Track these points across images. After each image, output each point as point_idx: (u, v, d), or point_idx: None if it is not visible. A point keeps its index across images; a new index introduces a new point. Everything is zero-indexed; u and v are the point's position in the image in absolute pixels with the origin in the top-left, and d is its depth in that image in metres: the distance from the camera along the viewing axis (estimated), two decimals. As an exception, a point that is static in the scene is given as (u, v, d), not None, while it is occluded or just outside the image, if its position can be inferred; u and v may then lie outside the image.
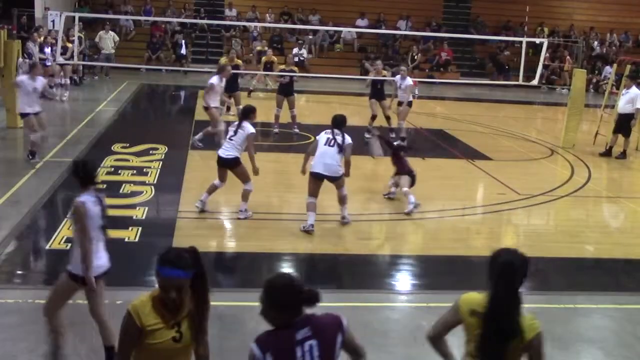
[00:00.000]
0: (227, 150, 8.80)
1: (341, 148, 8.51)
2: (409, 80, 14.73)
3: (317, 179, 8.57)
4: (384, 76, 15.49)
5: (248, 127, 8.82)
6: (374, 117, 15.00)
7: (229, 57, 15.96)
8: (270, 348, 3.12)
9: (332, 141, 8.54)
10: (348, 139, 8.63)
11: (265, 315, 3.25)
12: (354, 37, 28.03)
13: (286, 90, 15.01)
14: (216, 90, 12.92)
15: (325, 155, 8.49)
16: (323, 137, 8.63)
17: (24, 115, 11.40)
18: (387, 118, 15.10)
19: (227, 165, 8.86)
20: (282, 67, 15.47)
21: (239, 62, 15.92)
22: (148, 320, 3.37)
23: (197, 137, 12.83)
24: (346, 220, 8.86)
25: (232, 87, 15.02)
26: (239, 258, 7.79)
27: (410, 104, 14.71)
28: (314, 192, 8.59)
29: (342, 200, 8.81)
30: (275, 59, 19.47)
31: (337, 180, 8.64)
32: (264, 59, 19.77)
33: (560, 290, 7.36)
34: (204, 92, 13.55)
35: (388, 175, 11.33)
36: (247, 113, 9.05)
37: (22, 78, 11.59)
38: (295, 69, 16.01)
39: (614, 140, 14.27)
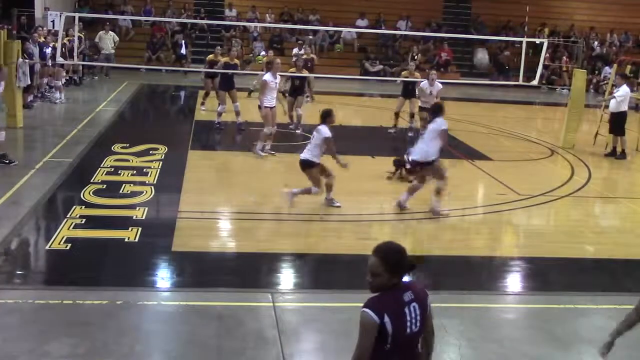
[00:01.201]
0: (303, 153, 9.27)
1: (431, 134, 9.18)
2: (439, 85, 13.92)
3: (413, 166, 9.56)
4: (416, 77, 15.88)
5: (323, 131, 9.13)
6: (397, 114, 15.42)
7: (232, 54, 15.95)
8: (386, 310, 3.32)
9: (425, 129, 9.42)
10: (439, 125, 9.21)
11: (382, 282, 3.37)
12: (354, 37, 28.03)
13: (297, 91, 15.22)
14: (270, 87, 12.62)
15: (420, 142, 9.38)
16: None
17: None
18: (412, 115, 15.49)
19: (301, 166, 9.29)
20: (292, 70, 15.63)
21: (237, 60, 16.00)
22: None
23: (257, 147, 12.39)
24: (436, 211, 9.26)
25: (228, 84, 15.08)
26: (239, 258, 7.78)
27: None
28: (416, 177, 9.56)
29: (436, 190, 9.30)
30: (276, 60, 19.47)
31: (428, 167, 9.27)
32: (265, 59, 19.78)
33: (560, 290, 7.35)
34: (259, 91, 13.44)
35: (387, 175, 11.33)
36: (325, 117, 9.35)
37: None
38: (306, 71, 16.27)
39: (615, 140, 14.27)
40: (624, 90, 14.15)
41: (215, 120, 15.15)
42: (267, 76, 12.64)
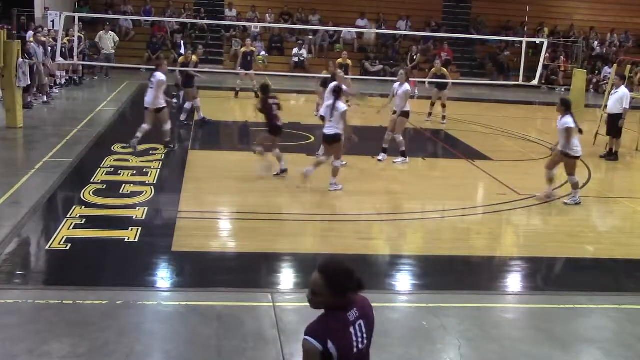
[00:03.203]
0: (331, 129, 10.26)
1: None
2: (407, 86, 12.60)
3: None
4: (445, 72, 18.03)
5: (342, 106, 10.29)
6: (432, 104, 17.71)
7: (198, 52, 16.97)
8: (329, 335, 3.20)
9: None
10: (565, 123, 10.08)
11: (324, 301, 3.26)
12: (354, 37, 28.04)
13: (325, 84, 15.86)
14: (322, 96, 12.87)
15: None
16: None
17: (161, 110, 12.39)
18: (443, 106, 17.42)
19: (331, 141, 10.33)
20: (340, 61, 17.32)
21: (195, 59, 16.36)
22: None
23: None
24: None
25: (187, 82, 15.52)
26: (239, 258, 7.78)
27: (406, 114, 12.62)
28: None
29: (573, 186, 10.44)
30: (254, 49, 19.49)
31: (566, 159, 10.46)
32: (242, 49, 19.72)
33: (560, 290, 7.35)
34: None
35: (387, 175, 11.34)
36: (339, 92, 10.53)
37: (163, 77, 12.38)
38: (350, 62, 18.30)
39: (612, 142, 14.24)
40: (622, 91, 14.10)
41: (200, 116, 15.18)
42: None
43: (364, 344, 3.32)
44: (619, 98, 14.06)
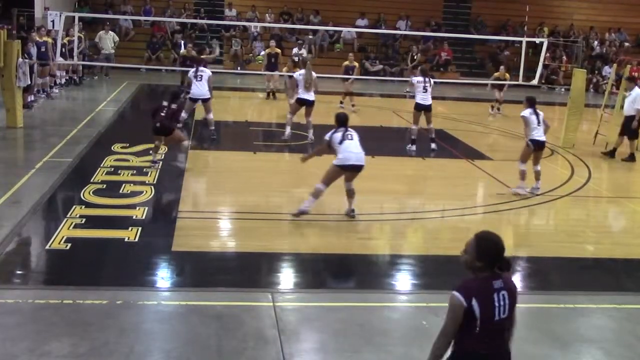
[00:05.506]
0: (311, 95, 13.30)
1: None
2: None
3: None
4: (506, 78, 19.70)
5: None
6: (497, 101, 19.72)
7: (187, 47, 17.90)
8: (475, 294, 3.57)
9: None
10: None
11: (471, 265, 3.70)
12: (354, 37, 28.04)
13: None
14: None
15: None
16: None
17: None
18: (500, 102, 19.51)
19: (312, 105, 13.26)
20: (346, 63, 18.33)
21: (194, 53, 16.44)
22: None
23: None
24: None
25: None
26: (239, 258, 7.78)
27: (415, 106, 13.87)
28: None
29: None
30: (279, 51, 19.53)
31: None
32: (267, 50, 19.75)
33: (560, 290, 7.35)
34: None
35: (387, 175, 11.34)
36: (304, 63, 12.65)
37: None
38: (356, 64, 18.98)
39: (619, 142, 14.15)
40: (636, 92, 13.89)
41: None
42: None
43: (505, 314, 3.59)
44: (632, 99, 13.93)
